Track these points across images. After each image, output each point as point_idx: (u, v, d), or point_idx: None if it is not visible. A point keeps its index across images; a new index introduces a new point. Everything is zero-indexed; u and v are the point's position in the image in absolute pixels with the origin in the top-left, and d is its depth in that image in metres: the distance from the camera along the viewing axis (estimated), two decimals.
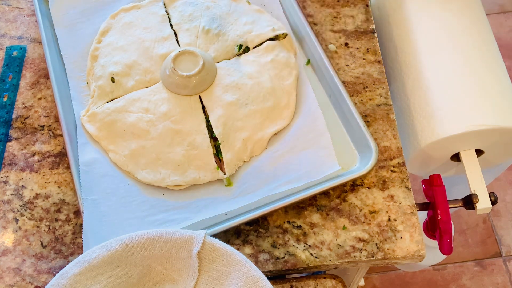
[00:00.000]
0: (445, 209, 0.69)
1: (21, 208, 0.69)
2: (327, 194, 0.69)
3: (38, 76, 0.79)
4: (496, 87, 0.75)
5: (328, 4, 0.85)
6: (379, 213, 0.68)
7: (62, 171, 0.72)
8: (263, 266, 0.65)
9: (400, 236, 0.67)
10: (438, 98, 0.75)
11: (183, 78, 0.71)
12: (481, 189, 0.73)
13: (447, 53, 0.77)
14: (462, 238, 1.57)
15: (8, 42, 0.82)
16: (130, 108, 0.71)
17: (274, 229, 0.68)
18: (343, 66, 0.79)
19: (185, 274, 0.59)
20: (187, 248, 0.57)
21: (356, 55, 0.80)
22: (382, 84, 0.78)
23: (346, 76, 0.78)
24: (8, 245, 0.67)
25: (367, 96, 0.77)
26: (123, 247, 0.57)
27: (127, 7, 0.81)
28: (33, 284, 0.65)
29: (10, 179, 0.71)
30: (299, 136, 0.71)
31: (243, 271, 0.55)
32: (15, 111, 0.76)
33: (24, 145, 0.73)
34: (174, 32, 0.78)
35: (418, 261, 0.68)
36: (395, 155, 0.73)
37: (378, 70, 0.79)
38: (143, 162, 0.69)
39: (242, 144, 0.70)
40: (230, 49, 0.76)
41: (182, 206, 0.67)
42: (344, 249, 0.66)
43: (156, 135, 0.69)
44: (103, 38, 0.78)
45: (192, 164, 0.69)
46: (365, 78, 0.78)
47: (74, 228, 0.68)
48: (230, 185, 0.69)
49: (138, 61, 0.75)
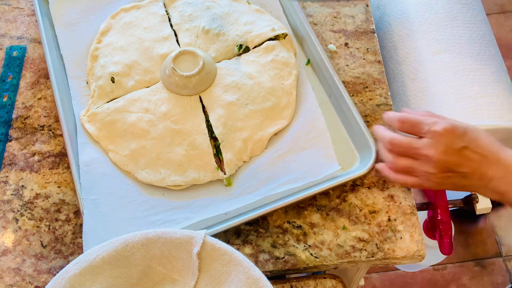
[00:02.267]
0: (445, 209, 0.69)
1: (21, 208, 0.69)
2: (327, 194, 0.69)
3: (38, 76, 0.79)
4: (496, 87, 0.75)
5: (328, 4, 0.85)
6: (379, 213, 0.68)
7: (62, 171, 0.72)
8: (263, 266, 0.65)
9: (400, 236, 0.67)
10: (438, 98, 0.75)
11: (183, 78, 0.71)
12: None
13: (447, 53, 0.77)
14: (462, 238, 1.57)
15: (8, 42, 0.82)
16: (130, 108, 0.71)
17: (274, 229, 0.68)
18: (343, 66, 0.79)
19: (185, 274, 0.59)
20: (187, 248, 0.57)
21: (356, 55, 0.80)
22: (382, 84, 0.78)
23: (346, 76, 0.78)
24: (8, 245, 0.67)
25: (367, 96, 0.77)
26: (123, 247, 0.57)
27: (127, 7, 0.81)
28: (33, 284, 0.65)
29: (10, 179, 0.71)
30: (299, 136, 0.71)
31: (243, 271, 0.55)
32: (15, 111, 0.76)
33: (24, 145, 0.73)
34: (174, 32, 0.78)
35: (418, 261, 0.68)
36: None
37: (378, 70, 0.79)
38: (143, 162, 0.69)
39: (242, 144, 0.70)
40: (230, 49, 0.76)
41: (182, 206, 0.67)
42: (344, 249, 0.66)
43: (156, 135, 0.69)
44: (103, 38, 0.78)
45: (192, 164, 0.69)
46: (365, 78, 0.78)
47: (74, 228, 0.68)
48: (230, 185, 0.69)
49: (138, 61, 0.75)
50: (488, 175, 0.57)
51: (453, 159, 0.57)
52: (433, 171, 0.58)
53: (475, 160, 0.57)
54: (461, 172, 0.58)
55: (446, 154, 0.57)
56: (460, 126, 0.58)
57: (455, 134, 0.57)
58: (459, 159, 0.57)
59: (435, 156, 0.57)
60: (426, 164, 0.58)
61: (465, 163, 0.57)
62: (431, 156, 0.57)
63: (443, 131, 0.57)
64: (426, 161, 0.58)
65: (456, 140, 0.57)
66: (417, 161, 0.59)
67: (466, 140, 0.57)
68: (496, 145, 0.58)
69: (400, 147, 0.60)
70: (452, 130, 0.57)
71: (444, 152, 0.57)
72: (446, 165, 0.57)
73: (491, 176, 0.57)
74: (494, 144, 0.58)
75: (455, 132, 0.57)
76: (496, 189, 0.57)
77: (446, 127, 0.57)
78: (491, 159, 0.57)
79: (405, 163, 0.60)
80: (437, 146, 0.57)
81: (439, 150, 0.57)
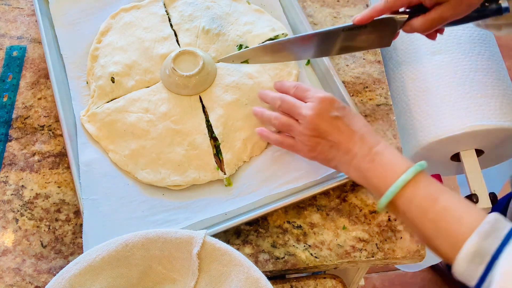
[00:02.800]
0: None
1: (21, 208, 0.69)
2: (327, 194, 0.69)
3: (38, 76, 0.79)
4: (496, 87, 0.75)
5: (328, 4, 0.85)
6: (379, 213, 0.68)
7: (62, 171, 0.72)
8: (263, 266, 0.65)
9: (400, 236, 0.67)
10: (438, 98, 0.75)
11: (183, 78, 0.71)
12: (481, 189, 0.73)
13: (447, 53, 0.77)
14: None
15: (8, 42, 0.82)
16: (130, 108, 0.71)
17: (274, 229, 0.68)
18: (343, 66, 0.79)
19: (185, 274, 0.59)
20: (187, 248, 0.57)
21: (356, 55, 0.80)
22: (382, 84, 0.78)
23: (346, 76, 0.78)
24: (8, 245, 0.67)
25: (367, 96, 0.77)
26: (123, 247, 0.57)
27: (127, 7, 0.81)
28: (33, 284, 0.65)
29: (10, 179, 0.71)
30: None
31: (243, 271, 0.55)
32: (15, 111, 0.76)
33: (24, 145, 0.73)
34: (174, 32, 0.78)
35: (418, 261, 0.68)
36: None
37: (378, 70, 0.79)
38: (143, 162, 0.69)
39: (242, 144, 0.70)
40: (230, 49, 0.76)
41: (182, 206, 0.67)
42: (344, 249, 0.66)
43: (156, 135, 0.69)
44: (103, 38, 0.78)
45: (192, 164, 0.69)
46: (365, 78, 0.78)
47: (74, 228, 0.68)
48: (230, 185, 0.69)
49: (138, 61, 0.75)
50: (353, 151, 0.61)
51: (324, 124, 0.61)
52: (306, 132, 0.62)
53: (344, 133, 0.61)
54: (330, 141, 0.62)
55: (319, 117, 0.61)
56: (341, 101, 0.64)
57: (333, 104, 0.62)
58: (330, 127, 0.61)
59: (309, 116, 0.62)
60: (301, 125, 0.63)
61: (334, 132, 0.61)
62: (306, 116, 0.62)
63: (323, 97, 0.62)
64: (303, 121, 0.63)
65: (331, 109, 0.62)
66: (296, 122, 0.64)
67: (341, 113, 0.62)
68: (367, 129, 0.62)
69: (287, 104, 0.65)
70: (332, 100, 0.63)
71: (318, 115, 0.62)
72: (317, 127, 0.62)
73: (355, 153, 0.60)
74: (366, 127, 0.62)
75: (333, 102, 0.62)
76: (357, 166, 0.60)
77: (327, 95, 0.63)
78: (359, 136, 0.61)
79: (287, 120, 0.65)
80: (314, 109, 0.62)
81: (314, 112, 0.62)
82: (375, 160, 0.59)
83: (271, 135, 0.67)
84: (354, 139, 0.61)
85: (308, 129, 0.62)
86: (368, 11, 0.64)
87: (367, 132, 0.62)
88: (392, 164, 0.58)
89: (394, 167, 0.58)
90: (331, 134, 0.61)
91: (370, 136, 0.61)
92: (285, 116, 0.65)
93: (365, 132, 0.61)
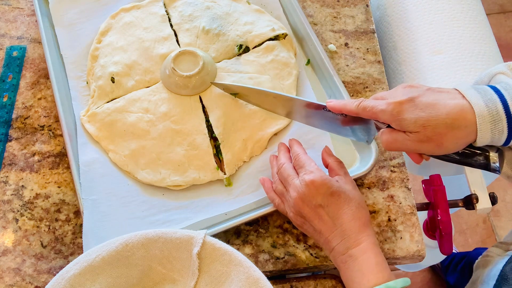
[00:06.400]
0: (445, 209, 0.69)
1: (21, 208, 0.69)
2: None
3: (38, 76, 0.79)
4: None
5: (328, 4, 0.85)
6: (379, 213, 0.68)
7: (62, 171, 0.72)
8: (263, 266, 0.65)
9: (400, 236, 0.67)
10: None
11: (183, 78, 0.71)
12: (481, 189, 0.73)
13: (447, 53, 0.77)
14: (462, 238, 1.57)
15: (8, 42, 0.82)
16: (130, 108, 0.71)
17: (274, 229, 0.68)
18: (343, 66, 0.79)
19: (185, 274, 0.59)
20: (187, 248, 0.57)
21: (356, 55, 0.80)
22: (382, 84, 0.78)
23: (346, 76, 0.78)
24: (8, 245, 0.67)
25: (367, 96, 0.77)
26: (123, 247, 0.57)
27: (127, 7, 0.81)
28: (33, 284, 0.65)
29: (10, 179, 0.71)
30: (299, 136, 0.71)
31: (243, 271, 0.55)
32: (15, 111, 0.76)
33: (24, 145, 0.73)
34: (174, 32, 0.78)
35: (418, 261, 0.68)
36: (395, 155, 0.73)
37: (378, 70, 0.79)
38: (143, 162, 0.69)
39: (242, 144, 0.70)
40: (230, 49, 0.76)
41: (182, 206, 0.67)
42: None
43: (156, 135, 0.69)
44: (103, 38, 0.78)
45: (192, 164, 0.69)
46: (365, 78, 0.78)
47: (74, 228, 0.68)
48: (230, 185, 0.69)
49: (138, 61, 0.75)
50: (332, 244, 0.59)
51: (307, 209, 0.59)
52: (292, 210, 0.61)
53: (326, 223, 0.59)
54: (313, 226, 0.60)
55: (303, 202, 0.59)
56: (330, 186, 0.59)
57: (319, 189, 0.58)
58: (312, 214, 0.59)
59: (293, 199, 0.60)
60: (290, 200, 0.61)
61: (316, 220, 0.59)
62: (291, 197, 0.60)
63: (309, 182, 0.59)
64: (289, 199, 0.61)
65: (317, 195, 0.58)
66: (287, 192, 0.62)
67: (327, 201, 0.58)
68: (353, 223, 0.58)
69: (281, 176, 0.63)
70: (320, 184, 0.58)
71: (301, 199, 0.59)
72: (300, 211, 0.60)
73: (333, 247, 0.59)
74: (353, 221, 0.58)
75: (320, 188, 0.58)
76: (333, 259, 0.59)
77: (314, 179, 0.59)
78: (340, 231, 0.58)
79: (281, 190, 0.63)
80: (299, 192, 0.59)
81: (298, 195, 0.59)
82: (347, 262, 0.57)
83: (269, 190, 0.66)
84: (334, 232, 0.58)
85: (294, 208, 0.61)
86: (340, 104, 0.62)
87: (350, 228, 0.58)
88: (362, 274, 0.56)
89: (362, 278, 0.56)
90: (313, 221, 0.59)
91: (352, 234, 0.58)
92: (280, 184, 0.63)
93: (348, 228, 0.58)
